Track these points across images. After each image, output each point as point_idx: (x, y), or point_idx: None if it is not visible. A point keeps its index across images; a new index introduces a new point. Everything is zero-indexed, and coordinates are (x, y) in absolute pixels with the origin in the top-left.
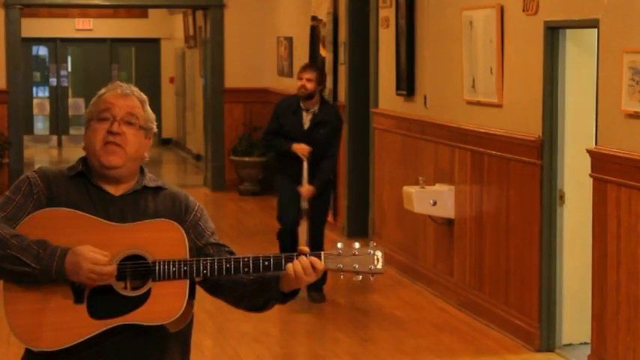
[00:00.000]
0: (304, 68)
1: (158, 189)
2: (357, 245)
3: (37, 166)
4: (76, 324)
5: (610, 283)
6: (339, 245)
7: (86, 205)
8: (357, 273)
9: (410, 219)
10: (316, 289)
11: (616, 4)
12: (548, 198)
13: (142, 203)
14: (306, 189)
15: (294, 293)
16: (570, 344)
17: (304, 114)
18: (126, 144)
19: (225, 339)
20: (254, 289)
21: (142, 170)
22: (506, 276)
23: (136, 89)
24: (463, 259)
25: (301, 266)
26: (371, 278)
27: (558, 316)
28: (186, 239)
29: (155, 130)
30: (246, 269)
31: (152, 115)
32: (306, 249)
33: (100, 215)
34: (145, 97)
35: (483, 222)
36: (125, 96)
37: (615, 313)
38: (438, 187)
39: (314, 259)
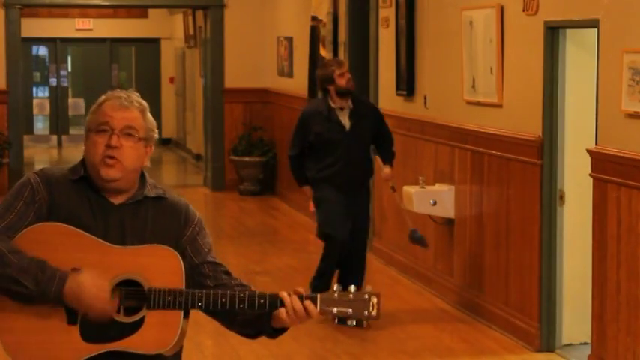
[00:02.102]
0: (340, 63)
1: (158, 199)
2: (352, 289)
3: (37, 167)
4: (68, 345)
5: (610, 283)
6: (335, 287)
7: (86, 213)
8: (351, 318)
9: (410, 219)
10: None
11: (616, 4)
12: (548, 198)
13: (141, 214)
14: (386, 171)
15: (284, 329)
16: (570, 344)
17: (340, 115)
18: (124, 158)
19: (225, 339)
20: (245, 319)
21: (142, 176)
22: (506, 276)
23: (135, 97)
24: (463, 259)
25: (294, 310)
26: (364, 323)
27: (558, 316)
28: (183, 268)
29: (157, 137)
30: (241, 305)
31: (153, 123)
32: (302, 290)
33: (99, 223)
34: (145, 104)
35: (483, 222)
36: (124, 108)
37: (615, 313)
38: (438, 187)
39: (309, 304)
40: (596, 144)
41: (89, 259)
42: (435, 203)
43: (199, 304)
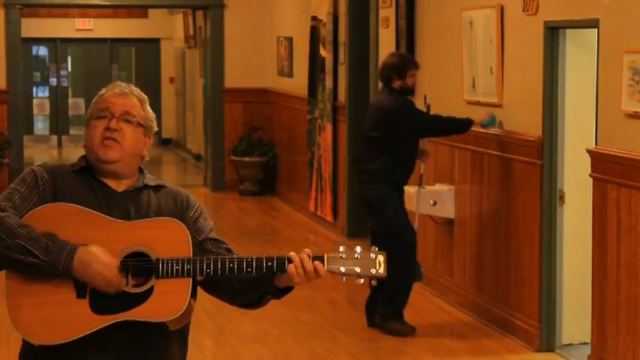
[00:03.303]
0: (416, 66)
1: (159, 187)
2: (359, 249)
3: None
4: (78, 319)
5: (610, 283)
6: (342, 249)
7: (90, 199)
8: (359, 276)
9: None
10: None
11: (616, 4)
12: (548, 198)
13: (144, 199)
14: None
15: (289, 288)
16: (570, 344)
17: None
18: (123, 140)
19: (225, 339)
20: (249, 284)
21: (141, 170)
22: (506, 276)
23: (135, 89)
24: (463, 259)
25: (303, 269)
26: (372, 282)
27: (558, 316)
28: (190, 238)
29: (156, 129)
30: (249, 269)
31: (152, 115)
32: (309, 251)
33: (104, 209)
34: (145, 96)
35: (483, 222)
36: (124, 95)
37: (615, 313)
38: (438, 187)
39: (317, 263)
40: (596, 144)
41: (96, 234)
42: (435, 203)
43: (208, 270)
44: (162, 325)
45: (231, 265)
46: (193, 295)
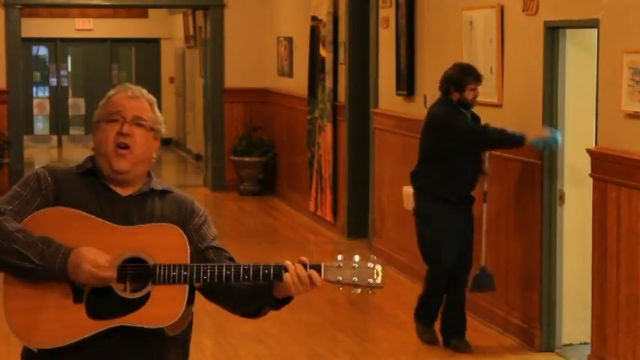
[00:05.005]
0: (479, 80)
1: (165, 192)
2: (357, 258)
3: (37, 166)
4: (74, 323)
5: (610, 283)
6: (339, 257)
7: (92, 202)
8: (356, 286)
9: (410, 219)
10: (460, 336)
11: (616, 4)
12: (548, 198)
13: (148, 205)
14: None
15: (287, 299)
16: (570, 344)
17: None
18: (135, 145)
19: (225, 339)
20: (248, 294)
21: (149, 174)
22: (506, 276)
23: (145, 91)
24: None
25: (298, 277)
26: (369, 292)
27: (558, 316)
28: (187, 245)
29: (163, 131)
30: (246, 277)
31: (160, 117)
32: (306, 259)
33: (106, 213)
34: (153, 99)
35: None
36: (135, 98)
37: (615, 313)
38: None
39: (313, 272)
40: (596, 144)
41: (94, 239)
42: None
43: (204, 277)
44: (159, 331)
45: (227, 272)
46: (190, 301)
